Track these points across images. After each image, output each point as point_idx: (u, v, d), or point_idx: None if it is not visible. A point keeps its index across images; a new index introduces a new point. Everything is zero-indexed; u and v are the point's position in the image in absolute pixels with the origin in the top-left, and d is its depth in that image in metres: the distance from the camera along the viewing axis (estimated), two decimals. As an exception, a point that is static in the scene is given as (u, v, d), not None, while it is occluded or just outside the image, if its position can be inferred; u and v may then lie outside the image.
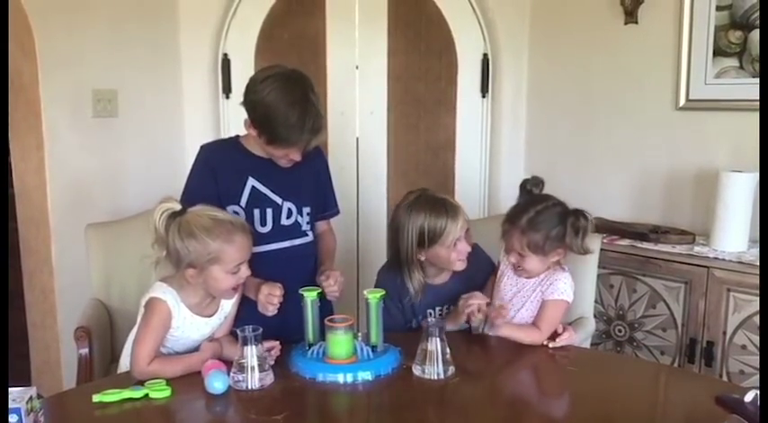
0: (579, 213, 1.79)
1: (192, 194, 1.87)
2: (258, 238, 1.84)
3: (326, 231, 2.14)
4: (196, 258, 1.57)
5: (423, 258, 1.92)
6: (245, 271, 1.63)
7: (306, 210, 1.98)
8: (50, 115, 2.55)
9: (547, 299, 1.83)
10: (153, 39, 2.86)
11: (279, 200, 1.92)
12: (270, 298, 1.70)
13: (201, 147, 1.98)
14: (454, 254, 1.91)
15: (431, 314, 1.99)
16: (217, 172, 1.89)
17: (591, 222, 1.80)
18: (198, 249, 1.57)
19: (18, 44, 2.52)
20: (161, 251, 1.61)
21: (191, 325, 1.64)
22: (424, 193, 1.94)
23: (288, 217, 1.94)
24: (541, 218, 1.78)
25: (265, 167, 1.89)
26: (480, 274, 1.99)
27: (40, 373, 2.82)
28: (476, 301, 1.79)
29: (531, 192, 1.86)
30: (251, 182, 1.89)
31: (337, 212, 2.15)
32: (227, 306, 1.71)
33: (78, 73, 2.60)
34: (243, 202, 1.89)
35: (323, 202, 2.08)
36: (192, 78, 3.00)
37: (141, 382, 1.51)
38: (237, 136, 1.98)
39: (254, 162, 1.90)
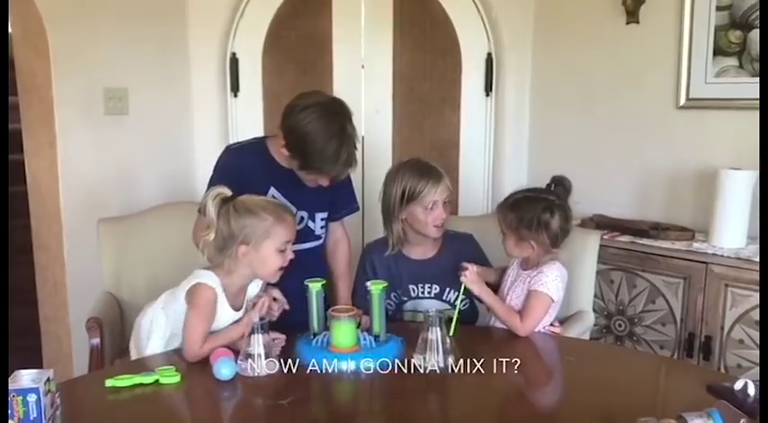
0: (555, 209, 1.86)
1: None
2: None
3: (341, 238, 2.19)
4: (251, 232, 1.66)
5: (404, 217, 2.04)
6: (290, 251, 1.71)
7: (320, 215, 2.04)
8: (63, 113, 2.61)
9: (530, 289, 1.88)
10: (162, 38, 2.91)
11: (294, 210, 1.96)
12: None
13: (228, 148, 2.02)
14: (430, 217, 2.02)
15: (413, 290, 2.08)
16: (241, 178, 1.91)
17: (557, 221, 1.87)
18: (254, 224, 1.66)
19: (32, 46, 2.58)
20: (209, 234, 1.67)
21: (225, 314, 1.70)
22: (415, 158, 2.14)
23: (299, 223, 1.99)
24: (524, 202, 1.88)
25: (288, 178, 1.94)
26: (466, 260, 2.02)
27: (51, 364, 2.87)
28: None
29: (548, 186, 1.95)
30: (272, 191, 1.94)
31: (357, 209, 2.22)
32: (252, 292, 1.77)
33: (90, 72, 2.66)
34: None
35: (340, 202, 2.13)
36: (201, 77, 3.06)
37: (152, 368, 1.56)
38: (265, 139, 2.01)
39: (278, 172, 1.94)
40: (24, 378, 1.24)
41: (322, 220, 2.06)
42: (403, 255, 2.11)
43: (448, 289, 2.06)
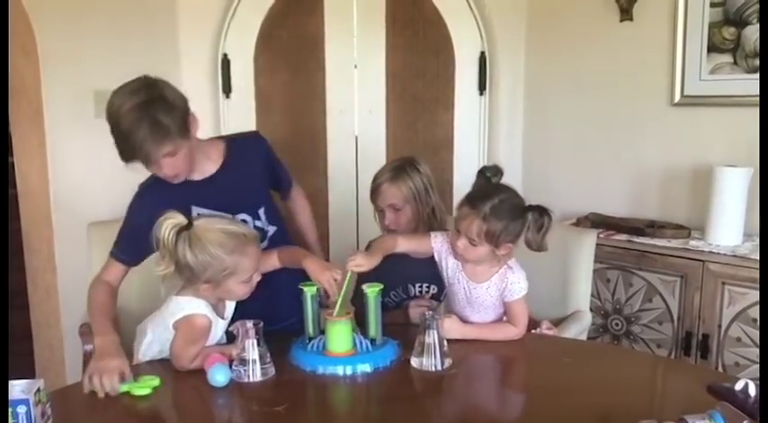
0: (543, 210, 1.73)
1: (126, 242, 1.83)
2: None
3: (295, 200, 2.11)
4: (212, 274, 1.58)
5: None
6: (256, 278, 1.65)
7: (261, 210, 1.91)
8: (52, 116, 2.59)
9: (508, 301, 1.80)
10: (153, 39, 2.88)
11: (229, 216, 1.81)
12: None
13: (139, 186, 1.87)
14: (381, 216, 2.05)
15: (412, 290, 2.06)
16: (159, 213, 1.68)
17: (548, 221, 1.72)
18: (214, 265, 1.56)
19: (20, 46, 2.55)
20: (169, 266, 1.59)
21: (215, 327, 1.66)
22: (407, 157, 2.12)
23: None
24: (505, 207, 1.70)
25: (204, 190, 1.81)
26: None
27: (44, 370, 2.85)
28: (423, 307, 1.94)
29: (490, 180, 1.80)
30: (195, 210, 1.78)
31: (290, 184, 2.09)
32: (231, 305, 1.73)
33: (80, 74, 2.63)
34: None
35: (276, 185, 2.03)
36: (192, 78, 3.01)
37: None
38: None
39: (191, 188, 1.80)
40: (14, 389, 1.22)
41: (264, 213, 1.91)
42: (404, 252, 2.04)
43: (445, 291, 2.04)
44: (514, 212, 1.72)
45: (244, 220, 1.86)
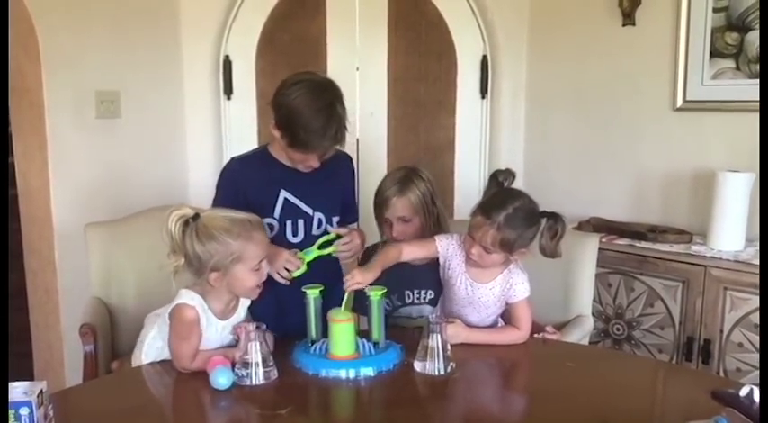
0: (557, 216, 1.74)
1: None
2: (290, 248, 1.87)
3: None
4: (219, 261, 1.57)
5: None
6: (265, 267, 1.65)
7: (335, 219, 2.00)
8: (54, 116, 2.57)
9: (512, 302, 1.81)
10: (155, 41, 2.88)
11: (310, 211, 1.94)
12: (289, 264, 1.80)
13: (232, 159, 1.99)
14: (387, 228, 2.02)
15: (408, 296, 2.05)
16: (246, 186, 1.90)
17: (562, 227, 1.74)
18: (220, 251, 1.57)
19: (22, 47, 2.54)
20: (179, 259, 1.60)
21: (212, 327, 1.65)
22: (409, 166, 2.10)
23: (318, 227, 1.96)
24: (519, 215, 1.71)
25: (296, 178, 1.91)
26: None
27: (42, 372, 2.84)
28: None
29: (503, 184, 1.81)
30: (283, 194, 1.91)
31: (355, 220, 2.17)
32: (246, 303, 1.72)
33: (81, 75, 2.63)
34: (276, 214, 1.91)
35: (347, 210, 2.09)
36: (194, 80, 3.02)
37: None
38: (266, 145, 1.99)
39: (285, 173, 1.91)
40: (16, 390, 1.21)
41: (336, 224, 2.01)
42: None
43: (443, 296, 2.04)
44: (529, 220, 1.73)
45: (320, 220, 1.95)
